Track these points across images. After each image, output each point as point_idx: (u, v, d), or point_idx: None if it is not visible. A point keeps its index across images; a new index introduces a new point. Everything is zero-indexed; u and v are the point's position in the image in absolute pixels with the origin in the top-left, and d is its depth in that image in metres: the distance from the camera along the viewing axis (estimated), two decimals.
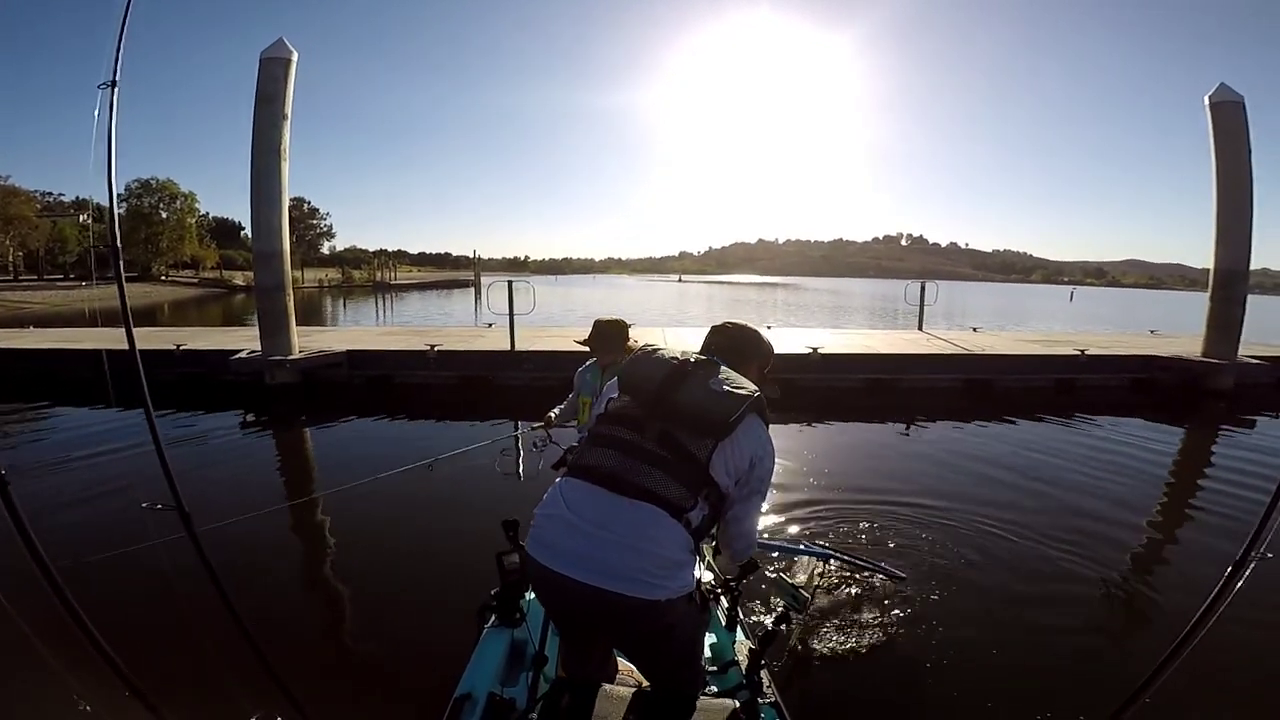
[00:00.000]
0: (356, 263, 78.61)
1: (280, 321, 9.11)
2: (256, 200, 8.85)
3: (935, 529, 4.65)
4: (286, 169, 8.87)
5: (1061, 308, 37.06)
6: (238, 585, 1.99)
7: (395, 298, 43.91)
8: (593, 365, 3.38)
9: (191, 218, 61.77)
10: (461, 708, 1.86)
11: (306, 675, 2.59)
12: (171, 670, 2.54)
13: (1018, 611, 3.66)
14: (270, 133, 8.66)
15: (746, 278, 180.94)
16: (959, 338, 12.52)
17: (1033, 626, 3.52)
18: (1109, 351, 10.87)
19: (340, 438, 7.67)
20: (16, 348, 10.34)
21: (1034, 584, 3.97)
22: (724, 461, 1.50)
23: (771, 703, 1.87)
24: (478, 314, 23.19)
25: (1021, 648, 3.32)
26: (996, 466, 6.34)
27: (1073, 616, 3.64)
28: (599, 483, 1.49)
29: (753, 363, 1.80)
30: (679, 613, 1.50)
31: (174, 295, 45.84)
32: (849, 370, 9.87)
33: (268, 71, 8.61)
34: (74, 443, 6.84)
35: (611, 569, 1.41)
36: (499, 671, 2.07)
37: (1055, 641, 3.39)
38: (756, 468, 1.56)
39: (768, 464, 1.59)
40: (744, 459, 1.53)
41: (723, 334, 1.86)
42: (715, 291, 63.62)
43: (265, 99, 8.63)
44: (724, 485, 1.52)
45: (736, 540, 1.63)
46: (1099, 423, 8.36)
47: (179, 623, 2.45)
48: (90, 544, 4.11)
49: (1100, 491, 5.65)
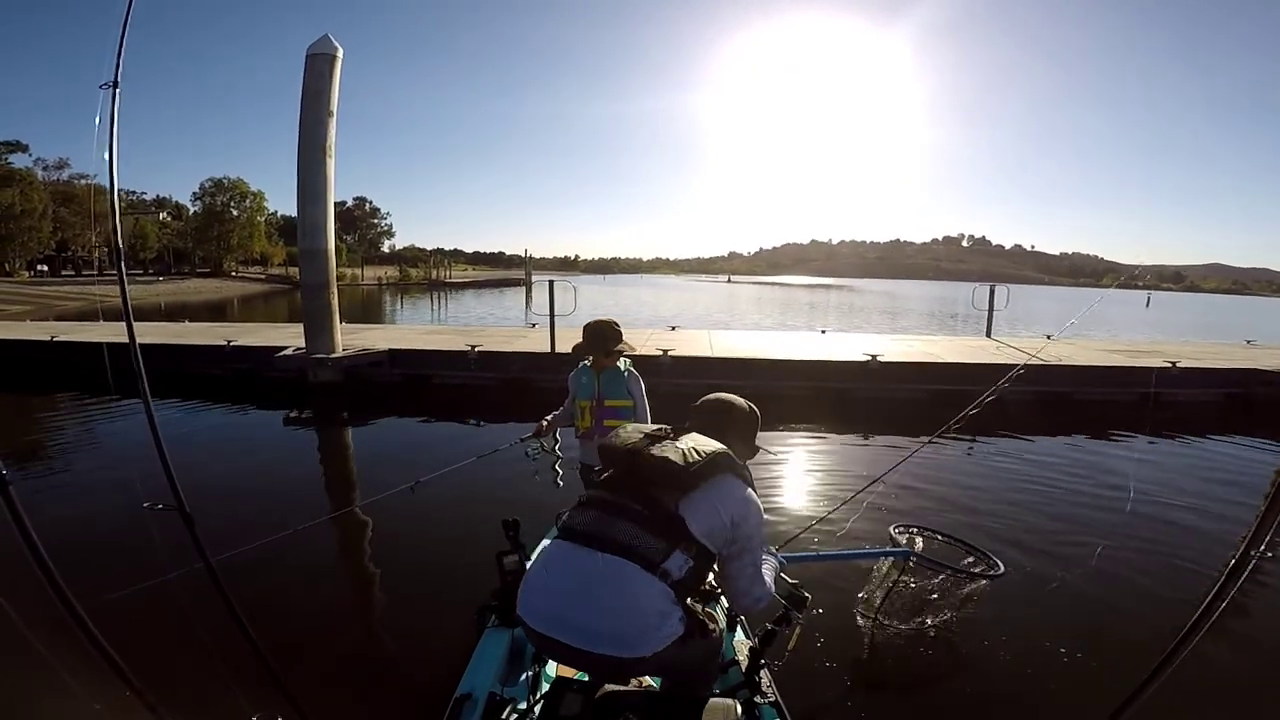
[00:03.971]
0: (414, 261, 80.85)
1: (324, 319, 9.09)
2: (303, 197, 8.85)
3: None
4: (333, 165, 8.84)
5: (1137, 314, 34.86)
6: (238, 585, 1.97)
7: (450, 296, 44.71)
8: (586, 368, 3.38)
9: (260, 216, 64.55)
10: (462, 708, 1.87)
11: (306, 675, 2.59)
12: (172, 670, 2.53)
13: (1018, 610, 3.56)
14: (316, 129, 8.64)
15: (798, 279, 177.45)
16: (1032, 346, 11.59)
17: (1035, 630, 3.38)
18: (1203, 364, 9.86)
19: (371, 440, 7.58)
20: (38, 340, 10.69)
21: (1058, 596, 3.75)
22: (696, 516, 1.54)
23: (771, 702, 1.88)
24: (527, 313, 23.25)
25: (1021, 647, 3.22)
26: (1074, 485, 5.76)
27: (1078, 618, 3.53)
28: (583, 542, 1.56)
29: (732, 430, 1.87)
30: (672, 654, 1.51)
31: (243, 290, 47.98)
32: (911, 380, 9.21)
33: (314, 68, 8.59)
34: (82, 441, 6.94)
35: (594, 632, 1.45)
36: (499, 671, 2.08)
37: (1054, 641, 3.27)
38: (740, 526, 1.60)
39: (753, 522, 1.63)
40: (721, 517, 1.57)
41: (700, 410, 1.95)
42: (765, 293, 62.32)
43: (311, 95, 8.62)
44: (704, 541, 1.55)
45: (740, 599, 1.68)
46: (1190, 441, 7.57)
47: (180, 623, 2.44)
48: (93, 544, 4.18)
49: (1189, 516, 5.03)
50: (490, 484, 4.99)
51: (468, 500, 4.82)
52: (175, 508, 1.83)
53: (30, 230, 44.86)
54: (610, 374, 3.32)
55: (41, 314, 21.77)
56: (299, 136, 8.69)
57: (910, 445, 4.68)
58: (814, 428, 7.57)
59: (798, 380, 9.11)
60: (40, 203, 44.34)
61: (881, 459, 6.54)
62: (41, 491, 5.31)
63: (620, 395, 3.31)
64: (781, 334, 14.35)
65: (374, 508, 4.31)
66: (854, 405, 8.70)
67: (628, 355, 3.39)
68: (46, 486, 5.49)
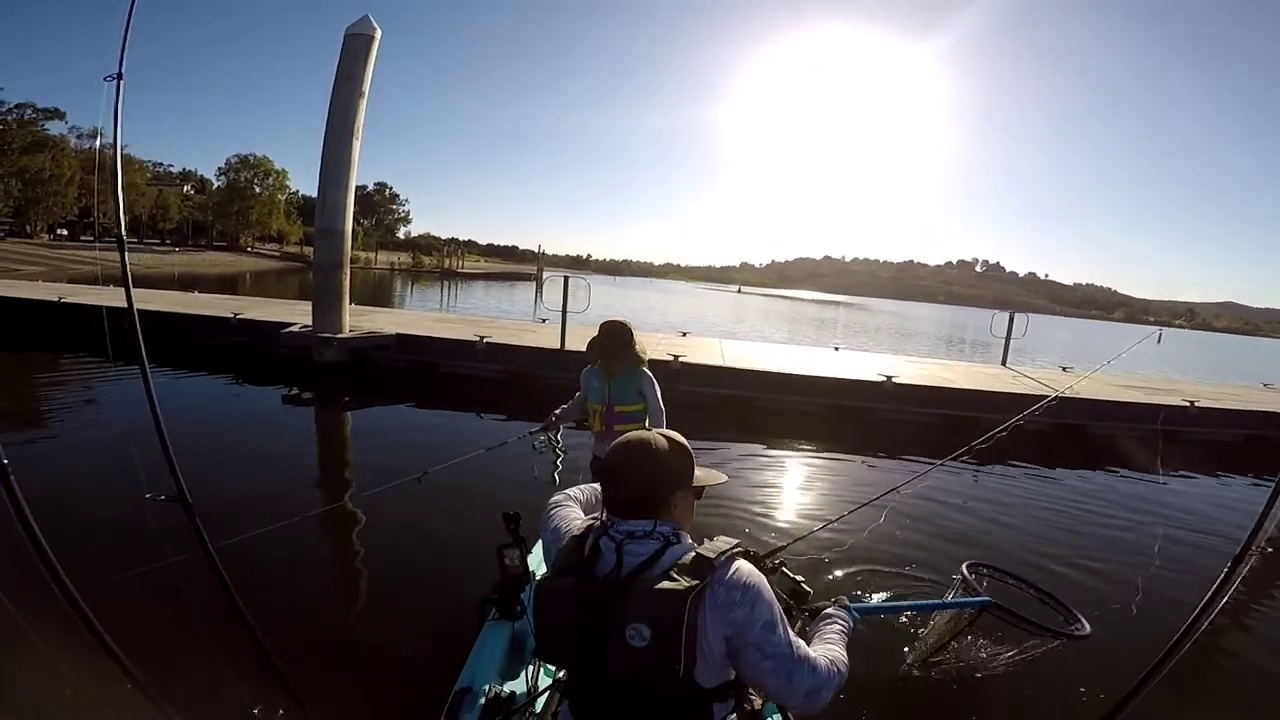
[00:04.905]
0: (428, 249, 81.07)
1: (334, 299, 9.02)
2: (325, 178, 8.80)
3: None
4: (358, 148, 8.79)
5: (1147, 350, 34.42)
6: (237, 572, 1.92)
7: (460, 286, 44.72)
8: (598, 369, 3.34)
9: (282, 194, 64.86)
10: (462, 701, 1.85)
11: (306, 666, 2.56)
12: (172, 662, 2.47)
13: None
14: (347, 110, 8.59)
15: (809, 294, 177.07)
16: (1048, 377, 11.42)
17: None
18: (1220, 404, 9.68)
19: (374, 425, 7.46)
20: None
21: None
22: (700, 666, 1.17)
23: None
24: (536, 308, 23.19)
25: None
26: (1085, 519, 5.66)
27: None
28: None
29: (670, 496, 1.31)
30: None
31: (256, 266, 48.25)
32: (926, 404, 9.03)
33: (350, 48, 8.55)
34: (82, 413, 6.84)
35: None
36: (499, 665, 2.07)
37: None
38: (748, 631, 1.19)
39: (756, 629, 1.18)
40: (716, 642, 1.18)
41: (615, 478, 1.31)
42: (775, 306, 62.13)
43: (346, 76, 8.58)
44: (712, 682, 1.21)
45: (800, 709, 1.28)
46: (1200, 480, 7.51)
47: (181, 614, 2.42)
48: (95, 535, 3.99)
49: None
50: (497, 477, 4.94)
51: (473, 492, 4.74)
52: (177, 498, 1.79)
53: (55, 195, 45.28)
54: (622, 379, 3.28)
55: (55, 276, 21.83)
56: (328, 117, 8.65)
57: (925, 465, 4.54)
58: (825, 446, 7.43)
59: (811, 396, 8.96)
60: (69, 169, 44.71)
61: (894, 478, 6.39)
62: (40, 472, 4.99)
63: (631, 400, 3.29)
64: (793, 348, 14.20)
65: (379, 497, 4.23)
66: (868, 425, 8.54)
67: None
68: (46, 466, 5.18)
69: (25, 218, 46.33)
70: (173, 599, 2.42)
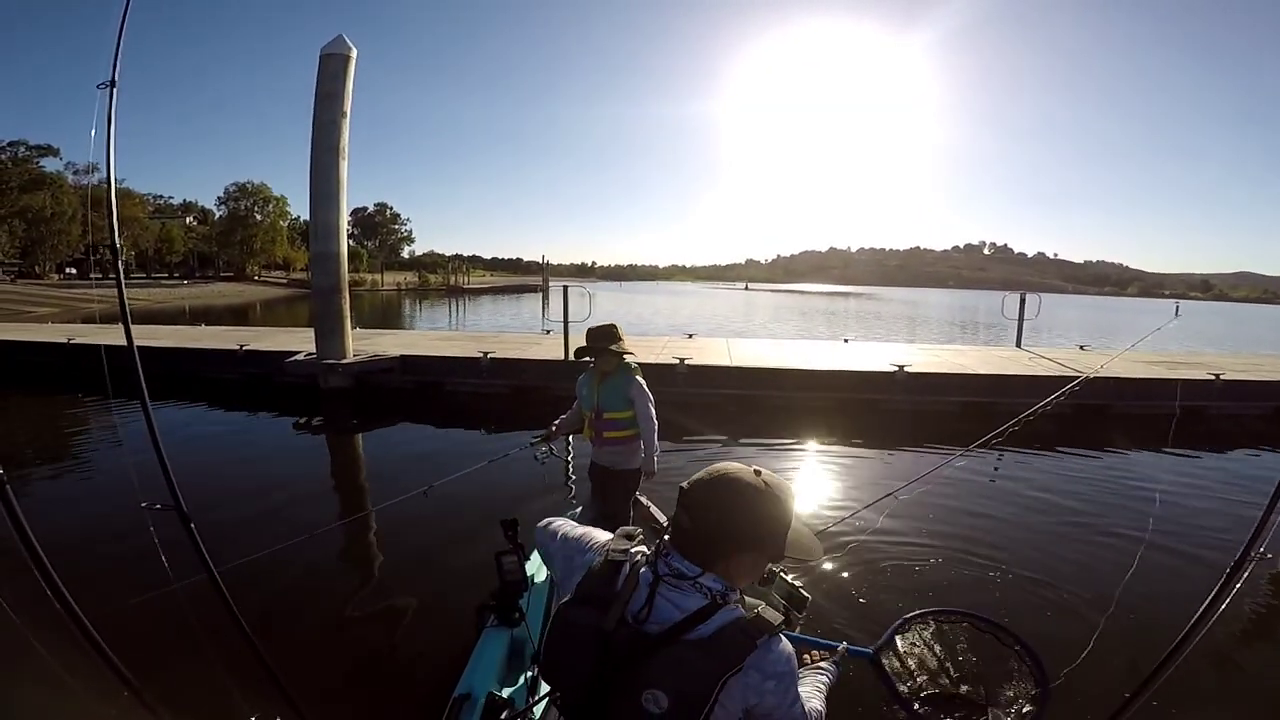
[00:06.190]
0: (433, 267, 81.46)
1: (335, 324, 8.94)
2: (315, 199, 8.72)
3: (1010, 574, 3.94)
4: (345, 167, 8.71)
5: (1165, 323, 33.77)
6: (239, 588, 1.92)
7: (468, 301, 44.82)
8: (589, 377, 3.33)
9: (283, 220, 65.34)
10: (460, 707, 1.86)
11: (305, 675, 2.52)
12: (170, 670, 2.50)
13: (1018, 607, 3.55)
14: (330, 130, 8.51)
15: (816, 286, 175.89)
16: (1065, 357, 11.15)
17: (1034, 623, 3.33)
18: (1247, 376, 9.38)
19: (381, 446, 7.40)
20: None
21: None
22: None
23: None
24: (543, 319, 23.16)
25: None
26: (1109, 503, 5.50)
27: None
28: None
29: (745, 553, 1.14)
30: None
31: (264, 295, 48.54)
32: (941, 392, 8.82)
33: (328, 68, 8.48)
34: (90, 445, 6.89)
35: None
36: (498, 671, 2.07)
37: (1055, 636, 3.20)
38: (774, 712, 1.09)
39: (782, 712, 1.09)
40: (733, 712, 1.05)
41: (690, 507, 1.13)
42: (783, 300, 61.75)
43: (325, 95, 8.50)
44: None
45: None
46: (1233, 456, 7.30)
47: (178, 622, 2.39)
48: (91, 543, 4.18)
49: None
50: (501, 487, 4.99)
51: (478, 504, 4.72)
52: (173, 507, 1.79)
53: (60, 234, 45.88)
54: (610, 385, 3.26)
55: (65, 316, 22.04)
56: (311, 138, 8.58)
57: (945, 455, 4.41)
58: (839, 439, 7.28)
59: (821, 391, 8.77)
60: (70, 206, 45.34)
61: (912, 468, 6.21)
62: (44, 495, 5.32)
63: (618, 407, 3.27)
64: (802, 343, 14.00)
65: (386, 512, 4.30)
66: (881, 416, 8.35)
67: (630, 358, 3.30)
68: (49, 490, 5.50)
69: (33, 258, 46.97)
70: (173, 611, 2.40)
